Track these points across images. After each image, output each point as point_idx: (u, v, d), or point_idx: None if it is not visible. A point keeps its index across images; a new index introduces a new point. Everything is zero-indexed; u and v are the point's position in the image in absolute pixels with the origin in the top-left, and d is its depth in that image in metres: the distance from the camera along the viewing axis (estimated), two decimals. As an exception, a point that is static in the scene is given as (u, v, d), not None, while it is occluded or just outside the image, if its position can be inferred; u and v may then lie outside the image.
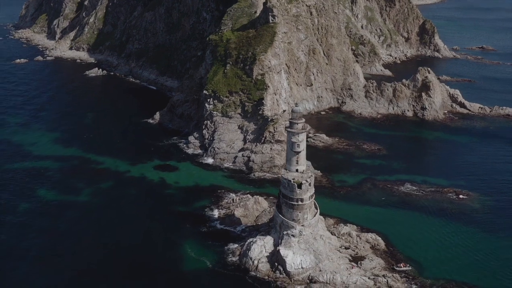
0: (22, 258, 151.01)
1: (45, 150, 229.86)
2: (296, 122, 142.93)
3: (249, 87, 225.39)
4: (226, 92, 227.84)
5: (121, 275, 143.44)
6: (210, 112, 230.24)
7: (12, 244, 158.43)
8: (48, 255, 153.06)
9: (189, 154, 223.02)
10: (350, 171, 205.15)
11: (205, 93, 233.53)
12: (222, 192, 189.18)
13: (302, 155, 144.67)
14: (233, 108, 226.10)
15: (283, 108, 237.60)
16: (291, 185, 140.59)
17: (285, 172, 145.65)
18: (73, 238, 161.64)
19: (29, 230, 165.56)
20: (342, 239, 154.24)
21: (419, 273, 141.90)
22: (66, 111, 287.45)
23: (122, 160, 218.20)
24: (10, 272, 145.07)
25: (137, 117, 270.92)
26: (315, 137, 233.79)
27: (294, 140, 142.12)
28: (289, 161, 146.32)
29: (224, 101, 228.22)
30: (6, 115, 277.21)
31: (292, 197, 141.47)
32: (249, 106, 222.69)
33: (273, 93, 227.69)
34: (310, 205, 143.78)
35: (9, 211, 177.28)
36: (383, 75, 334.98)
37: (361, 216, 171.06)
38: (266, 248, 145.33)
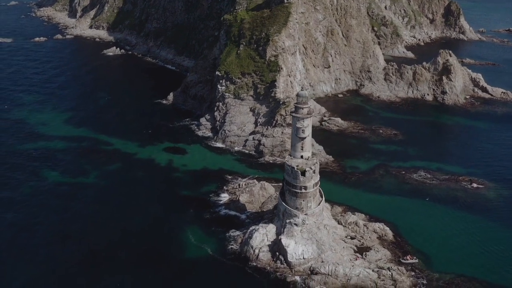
0: (29, 239, 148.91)
1: (57, 131, 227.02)
2: (302, 106, 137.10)
3: (262, 69, 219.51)
4: (239, 74, 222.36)
5: (119, 261, 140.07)
6: (222, 93, 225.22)
7: (19, 224, 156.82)
8: (52, 236, 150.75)
9: (199, 137, 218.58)
10: (363, 156, 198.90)
11: (217, 74, 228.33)
12: (230, 177, 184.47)
13: (307, 141, 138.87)
14: (245, 90, 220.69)
15: (298, 90, 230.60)
16: (295, 172, 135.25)
17: (289, 159, 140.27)
18: (76, 221, 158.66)
19: (36, 212, 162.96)
20: (349, 228, 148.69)
21: (426, 266, 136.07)
22: (80, 90, 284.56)
23: (132, 142, 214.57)
24: (14, 255, 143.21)
25: (151, 98, 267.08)
26: (329, 120, 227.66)
27: (299, 125, 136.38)
28: (293, 147, 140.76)
29: (237, 83, 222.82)
30: (21, 94, 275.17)
31: (295, 184, 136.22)
32: (262, 88, 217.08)
33: (286, 75, 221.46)
34: (315, 193, 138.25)
35: (17, 191, 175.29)
36: (405, 57, 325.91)
37: (371, 204, 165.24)
38: (268, 236, 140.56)
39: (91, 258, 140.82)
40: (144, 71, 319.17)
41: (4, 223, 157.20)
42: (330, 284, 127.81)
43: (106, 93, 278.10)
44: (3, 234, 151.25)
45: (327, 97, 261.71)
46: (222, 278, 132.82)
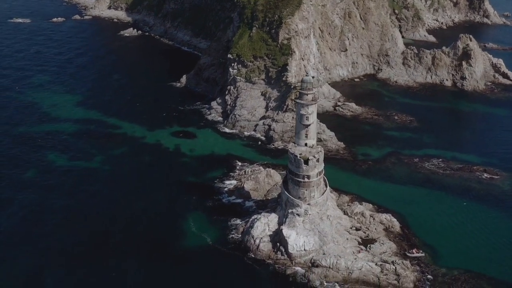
0: (33, 223, 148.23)
1: (65, 113, 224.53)
2: (306, 92, 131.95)
3: (274, 52, 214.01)
4: (251, 57, 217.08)
5: (118, 247, 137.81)
6: (233, 77, 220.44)
7: (26, 207, 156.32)
8: (55, 221, 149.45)
9: (209, 121, 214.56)
10: (376, 143, 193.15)
11: (229, 57, 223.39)
12: (237, 163, 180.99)
13: (312, 128, 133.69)
14: (257, 73, 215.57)
15: (312, 74, 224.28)
16: (298, 160, 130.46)
17: (292, 146, 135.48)
18: (79, 206, 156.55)
19: (41, 196, 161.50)
20: (354, 219, 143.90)
21: (433, 260, 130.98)
22: (95, 72, 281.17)
23: (141, 125, 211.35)
24: (10, 236, 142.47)
25: (164, 80, 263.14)
26: (343, 106, 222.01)
27: (303, 112, 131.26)
28: (297, 135, 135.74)
29: (248, 66, 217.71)
30: (32, 74, 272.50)
31: (298, 173, 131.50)
32: (273, 72, 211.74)
33: (299, 58, 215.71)
34: (318, 182, 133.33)
35: (25, 175, 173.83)
36: (427, 41, 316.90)
37: (380, 194, 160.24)
38: (269, 226, 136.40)
39: (91, 243, 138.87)
40: (159, 52, 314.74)
41: (12, 206, 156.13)
42: (330, 278, 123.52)
43: (120, 75, 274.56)
44: (12, 217, 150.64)
45: (343, 82, 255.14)
46: (220, 268, 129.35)
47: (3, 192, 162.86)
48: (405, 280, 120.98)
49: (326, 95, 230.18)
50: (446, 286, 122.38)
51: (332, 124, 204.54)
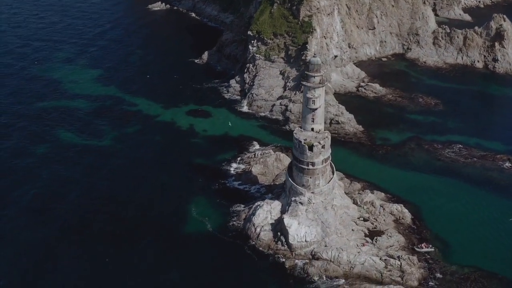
0: (28, 203, 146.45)
1: (82, 89, 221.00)
2: (313, 75, 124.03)
3: (294, 30, 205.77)
4: (271, 34, 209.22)
5: (116, 229, 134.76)
6: (253, 55, 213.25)
7: (21, 187, 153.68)
8: (54, 201, 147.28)
9: (226, 100, 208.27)
10: (396, 127, 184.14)
11: (249, 33, 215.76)
12: (249, 144, 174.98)
13: (319, 112, 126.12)
14: (277, 51, 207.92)
15: (334, 53, 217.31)
16: (302, 146, 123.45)
17: (298, 131, 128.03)
18: (82, 186, 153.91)
19: (45, 175, 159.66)
20: (363, 208, 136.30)
21: (443, 256, 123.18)
22: (117, 46, 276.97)
23: (156, 103, 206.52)
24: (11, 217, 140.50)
25: (186, 56, 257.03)
26: (367, 86, 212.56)
27: (310, 95, 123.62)
28: (304, 119, 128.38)
29: (268, 44, 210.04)
30: (54, 49, 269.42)
31: (302, 160, 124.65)
32: (293, 50, 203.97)
33: (321, 36, 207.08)
34: (324, 170, 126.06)
35: (31, 154, 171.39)
36: (461, 20, 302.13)
37: (394, 182, 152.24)
38: (272, 214, 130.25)
39: (86, 224, 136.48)
40: (185, 28, 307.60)
41: (12, 186, 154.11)
42: (331, 272, 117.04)
43: (143, 50, 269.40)
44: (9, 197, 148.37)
45: (370, 61, 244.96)
46: (216, 258, 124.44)
47: (12, 167, 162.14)
48: (410, 277, 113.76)
49: (349, 75, 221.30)
50: (454, 285, 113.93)
51: (353, 106, 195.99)
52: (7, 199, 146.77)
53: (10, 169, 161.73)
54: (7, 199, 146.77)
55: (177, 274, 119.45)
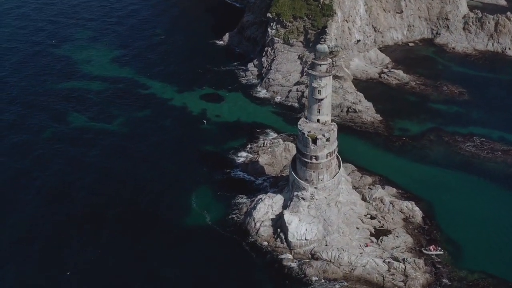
0: (32, 187, 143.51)
1: (98, 70, 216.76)
2: (319, 63, 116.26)
3: (314, 13, 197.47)
4: (290, 17, 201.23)
5: (113, 219, 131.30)
6: (271, 38, 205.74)
7: (26, 170, 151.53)
8: (55, 187, 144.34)
9: (242, 84, 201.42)
10: (417, 117, 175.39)
11: (268, 16, 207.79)
12: (261, 132, 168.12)
13: (325, 103, 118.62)
14: (296, 35, 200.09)
15: (357, 37, 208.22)
16: (305, 138, 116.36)
17: (302, 122, 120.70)
18: (85, 172, 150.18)
19: (49, 159, 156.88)
20: (372, 205, 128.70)
21: (453, 260, 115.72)
22: (137, 26, 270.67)
23: (171, 86, 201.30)
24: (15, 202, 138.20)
25: (207, 37, 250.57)
26: (389, 73, 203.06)
27: (315, 85, 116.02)
28: (309, 109, 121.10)
29: (287, 27, 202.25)
30: (79, 28, 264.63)
31: (305, 153, 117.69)
32: (312, 34, 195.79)
33: (342, 20, 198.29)
34: (328, 164, 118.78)
35: (39, 136, 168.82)
36: (496, 4, 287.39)
37: (409, 176, 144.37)
38: (273, 209, 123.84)
39: (84, 213, 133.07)
40: (211, 8, 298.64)
41: (13, 169, 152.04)
42: (330, 273, 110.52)
43: (163, 30, 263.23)
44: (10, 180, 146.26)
45: (396, 46, 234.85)
46: (212, 253, 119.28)
47: (13, 148, 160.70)
48: (413, 283, 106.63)
49: (373, 60, 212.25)
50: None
51: (373, 93, 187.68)
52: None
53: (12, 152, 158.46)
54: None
55: (169, 270, 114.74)
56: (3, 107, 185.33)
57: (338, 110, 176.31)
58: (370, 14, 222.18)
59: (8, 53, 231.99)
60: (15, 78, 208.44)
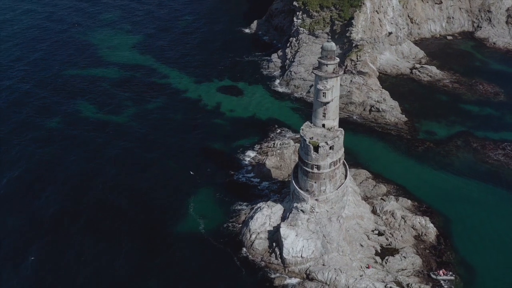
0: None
1: (117, 56, 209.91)
2: (326, 62, 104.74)
3: (342, 2, 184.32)
4: (317, 6, 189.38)
5: (104, 220, 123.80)
6: (297, 28, 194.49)
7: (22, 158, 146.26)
8: (51, 183, 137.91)
9: (264, 76, 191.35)
10: (446, 119, 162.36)
11: (295, 4, 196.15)
12: (276, 130, 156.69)
13: (332, 106, 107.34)
14: (322, 25, 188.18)
15: (389, 29, 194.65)
16: (306, 146, 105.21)
17: (306, 126, 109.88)
18: (85, 167, 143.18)
19: (50, 152, 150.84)
20: (382, 219, 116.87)
21: (464, 287, 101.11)
22: (164, 12, 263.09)
23: (189, 76, 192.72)
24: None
25: (236, 24, 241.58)
26: (421, 69, 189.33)
27: (321, 86, 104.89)
28: (314, 113, 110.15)
29: (314, 17, 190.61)
30: (102, 11, 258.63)
31: (306, 161, 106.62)
32: (338, 25, 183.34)
33: (372, 11, 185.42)
34: (332, 174, 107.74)
35: (44, 127, 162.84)
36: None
37: (428, 186, 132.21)
38: (271, 219, 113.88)
39: (76, 213, 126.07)
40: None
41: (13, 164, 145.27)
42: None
43: (193, 16, 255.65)
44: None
45: (433, 39, 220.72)
46: (201, 266, 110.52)
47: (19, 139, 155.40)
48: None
49: (405, 54, 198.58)
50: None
51: (401, 91, 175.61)
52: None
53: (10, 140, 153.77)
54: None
55: (155, 283, 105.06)
56: (12, 95, 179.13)
57: (361, 108, 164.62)
58: (406, 4, 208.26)
59: (31, 36, 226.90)
60: (34, 64, 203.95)
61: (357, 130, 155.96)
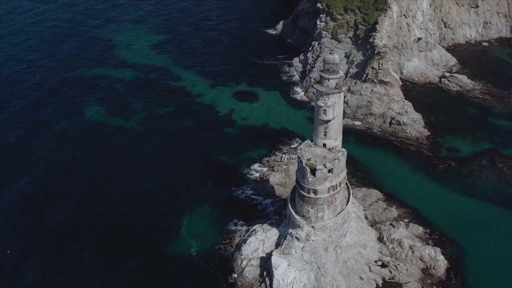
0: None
1: (134, 56, 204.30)
2: (327, 77, 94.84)
3: (367, 5, 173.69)
4: (341, 9, 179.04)
5: (90, 233, 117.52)
6: (319, 31, 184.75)
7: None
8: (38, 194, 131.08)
9: (283, 82, 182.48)
10: (472, 134, 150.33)
11: (318, 6, 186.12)
12: (287, 142, 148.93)
13: (333, 125, 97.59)
14: (345, 29, 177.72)
15: (417, 35, 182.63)
16: (303, 168, 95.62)
17: (305, 145, 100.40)
18: (78, 175, 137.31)
19: (51, 155, 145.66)
20: (388, 248, 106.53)
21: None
22: (190, 9, 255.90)
23: (206, 79, 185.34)
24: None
25: (261, 25, 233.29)
26: (451, 78, 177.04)
27: (321, 103, 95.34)
28: (315, 131, 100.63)
29: (337, 20, 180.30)
30: (123, 9, 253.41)
31: (302, 184, 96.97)
32: (362, 30, 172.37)
33: (400, 15, 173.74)
34: (331, 199, 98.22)
35: (47, 129, 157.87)
36: None
37: (444, 211, 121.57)
38: (265, 245, 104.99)
39: (64, 223, 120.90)
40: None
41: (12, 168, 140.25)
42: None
43: (219, 16, 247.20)
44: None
45: (468, 45, 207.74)
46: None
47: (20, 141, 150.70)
48: None
49: (435, 62, 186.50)
50: None
51: (427, 102, 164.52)
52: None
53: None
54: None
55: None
56: (23, 92, 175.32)
57: (380, 120, 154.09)
58: (439, 8, 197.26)
59: (48, 33, 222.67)
60: (50, 60, 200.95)
61: (374, 144, 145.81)
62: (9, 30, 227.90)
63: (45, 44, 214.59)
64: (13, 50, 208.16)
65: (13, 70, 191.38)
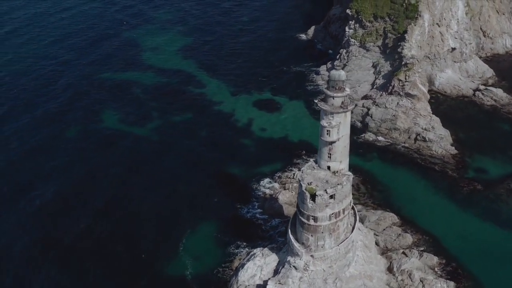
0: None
1: (159, 60, 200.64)
2: (332, 95, 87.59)
3: (398, 13, 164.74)
4: (371, 16, 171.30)
5: (84, 248, 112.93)
6: (348, 39, 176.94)
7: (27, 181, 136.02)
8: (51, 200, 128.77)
9: (307, 91, 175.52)
10: (503, 154, 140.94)
11: (348, 12, 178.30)
12: (304, 156, 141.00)
13: (338, 147, 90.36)
14: (374, 38, 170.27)
15: (452, 45, 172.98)
16: (302, 192, 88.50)
17: (308, 168, 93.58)
18: (89, 185, 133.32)
19: (60, 165, 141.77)
20: (397, 280, 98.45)
21: None
22: (222, 13, 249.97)
23: (228, 86, 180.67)
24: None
25: (293, 30, 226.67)
26: (485, 91, 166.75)
27: (325, 123, 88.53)
28: (319, 152, 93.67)
29: (366, 27, 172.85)
30: (151, 11, 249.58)
31: (302, 210, 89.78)
32: (391, 38, 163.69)
33: (432, 24, 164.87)
34: (333, 227, 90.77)
35: (61, 136, 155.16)
36: None
37: (464, 239, 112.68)
38: (262, 271, 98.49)
39: (56, 238, 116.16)
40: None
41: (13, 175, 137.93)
42: None
43: (250, 20, 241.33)
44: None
45: (508, 55, 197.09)
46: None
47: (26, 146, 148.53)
48: None
49: (470, 73, 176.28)
50: None
51: (457, 117, 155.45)
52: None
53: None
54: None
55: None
56: (48, 95, 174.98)
57: (405, 136, 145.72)
58: (478, 16, 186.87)
59: (75, 36, 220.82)
60: (72, 65, 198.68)
61: (395, 161, 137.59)
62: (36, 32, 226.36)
63: (75, 46, 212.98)
64: (42, 51, 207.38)
65: (38, 73, 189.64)
